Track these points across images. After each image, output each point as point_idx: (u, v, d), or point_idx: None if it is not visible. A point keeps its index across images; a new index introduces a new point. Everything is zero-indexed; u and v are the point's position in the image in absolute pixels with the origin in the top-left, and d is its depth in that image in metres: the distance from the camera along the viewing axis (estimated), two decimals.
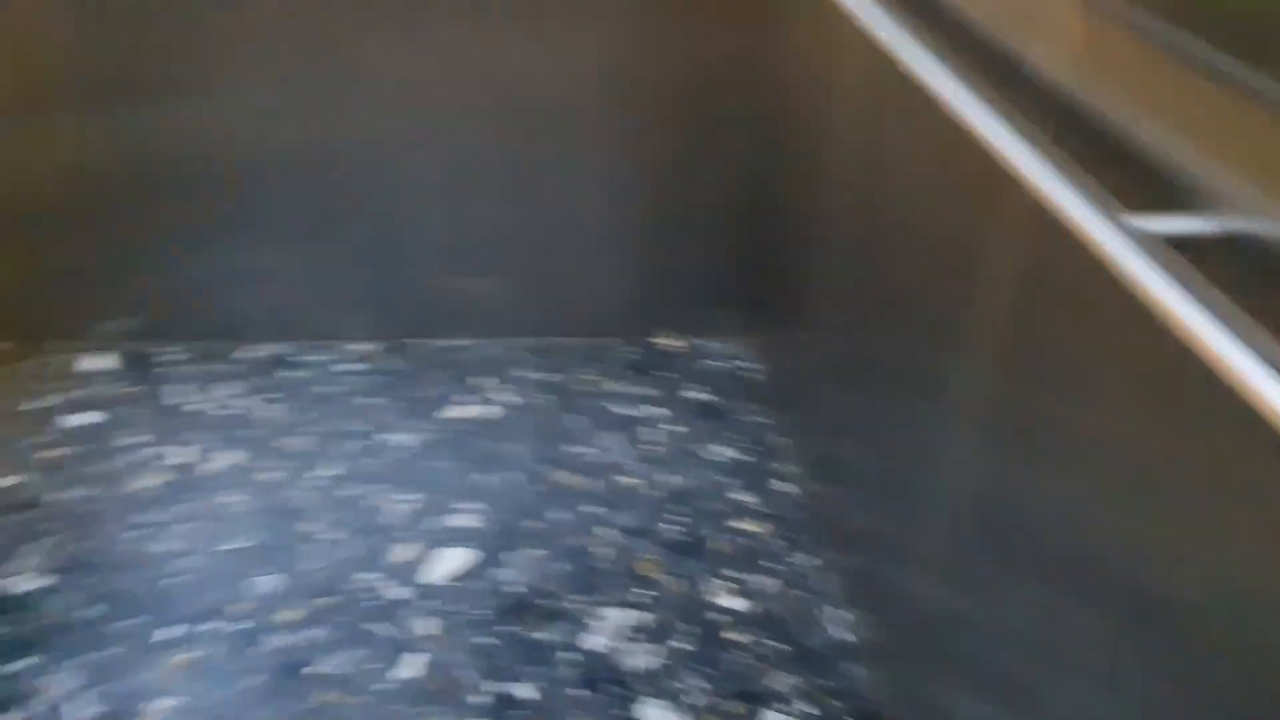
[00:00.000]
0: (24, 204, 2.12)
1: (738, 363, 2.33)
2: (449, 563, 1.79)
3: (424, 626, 1.67)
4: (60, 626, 1.66)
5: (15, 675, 1.57)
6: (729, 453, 2.06)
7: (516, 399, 2.20)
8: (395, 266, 2.25)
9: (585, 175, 2.16)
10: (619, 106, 2.07)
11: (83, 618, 1.68)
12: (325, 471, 2.00)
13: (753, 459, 2.04)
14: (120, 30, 1.94)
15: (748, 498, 1.94)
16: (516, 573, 1.78)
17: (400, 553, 1.81)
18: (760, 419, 2.15)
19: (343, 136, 2.08)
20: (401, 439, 2.08)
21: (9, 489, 1.93)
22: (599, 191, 2.18)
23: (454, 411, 2.16)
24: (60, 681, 1.57)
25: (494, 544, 1.83)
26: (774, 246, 2.08)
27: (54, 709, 1.53)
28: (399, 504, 1.92)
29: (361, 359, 2.31)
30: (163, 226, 2.17)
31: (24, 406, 2.13)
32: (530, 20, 1.97)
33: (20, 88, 1.98)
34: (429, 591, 1.74)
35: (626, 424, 2.13)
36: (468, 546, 1.83)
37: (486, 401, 2.19)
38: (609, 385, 2.25)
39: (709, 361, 2.34)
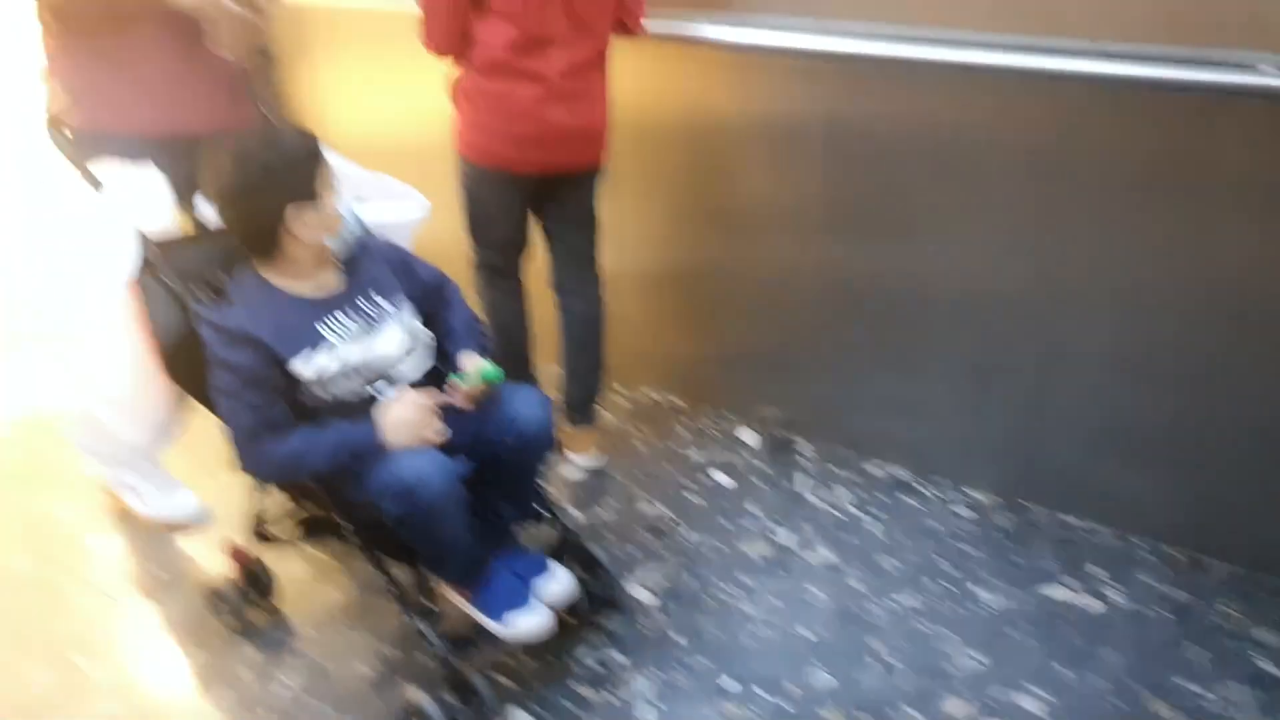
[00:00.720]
0: (738, 296, 2.55)
1: None
2: None
3: None
4: (651, 639, 1.92)
5: (608, 662, 1.86)
6: None
7: (1129, 603, 1.96)
8: (1036, 427, 2.19)
9: None
10: None
11: (670, 640, 1.92)
12: (906, 600, 2.00)
13: None
14: (854, 179, 2.23)
15: None
16: None
17: (952, 706, 1.73)
18: None
19: (1022, 293, 2.10)
20: (991, 598, 1.99)
21: (653, 514, 2.30)
22: None
23: (1056, 591, 2.00)
24: (635, 684, 1.81)
25: None
26: None
27: (625, 703, 1.77)
28: (967, 659, 1.84)
29: (975, 507, 2.28)
30: (837, 337, 2.42)
31: (682, 454, 2.53)
32: (1264, 215, 1.78)
33: (790, 211, 2.38)
34: None
35: (1268, 684, 1.75)
36: None
37: (1094, 593, 1.99)
38: (1258, 631, 1.87)
39: None
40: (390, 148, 2.97)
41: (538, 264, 2.36)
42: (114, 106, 1.83)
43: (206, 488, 2.31)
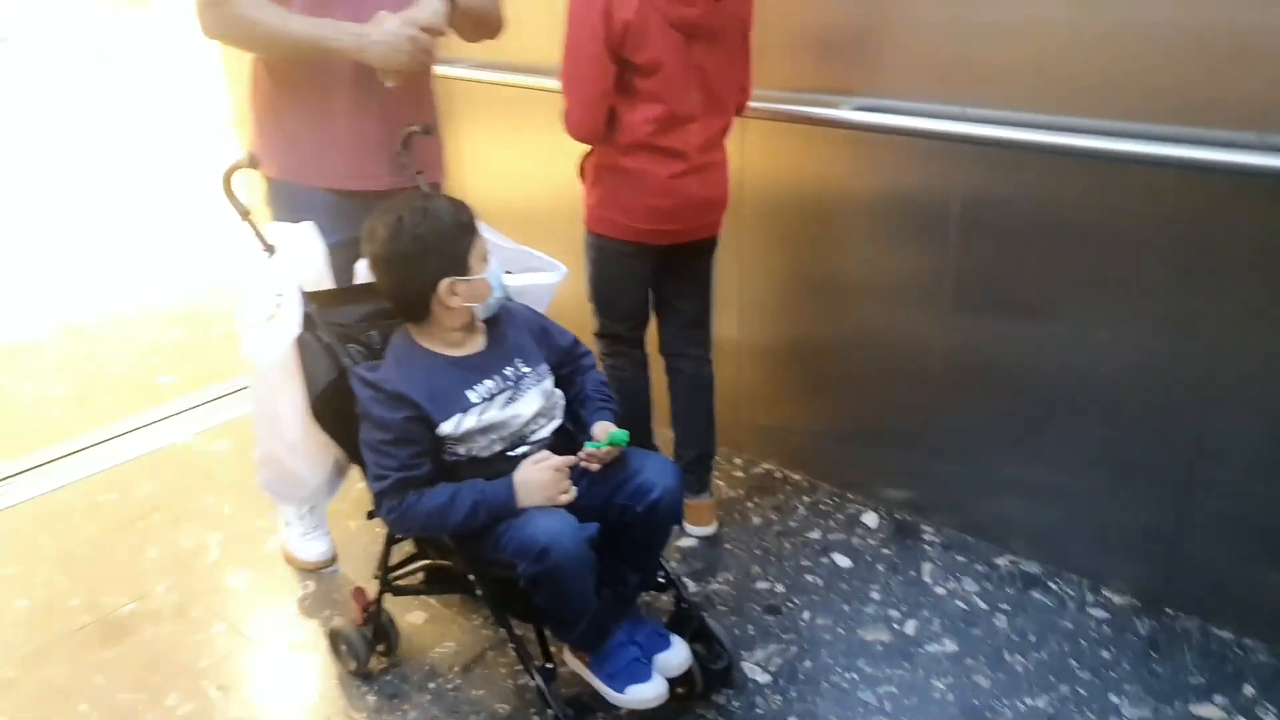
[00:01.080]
0: (863, 371, 2.51)
1: None
2: None
3: None
4: None
5: None
6: None
7: None
8: (1182, 527, 2.07)
9: None
10: None
11: None
12: (1035, 703, 1.90)
13: None
14: (989, 259, 2.18)
15: None
16: None
17: None
18: None
19: (1169, 382, 2.00)
20: (1132, 711, 1.87)
21: (767, 591, 2.26)
22: None
23: (1205, 710, 1.86)
24: None
25: None
26: None
27: None
28: None
29: (1112, 609, 2.15)
30: (967, 419, 2.35)
31: (800, 531, 2.49)
32: None
33: (921, 287, 2.33)
34: None
35: None
36: None
37: (1248, 715, 1.84)
38: None
39: None
40: (522, 214, 3.07)
41: (650, 329, 2.40)
42: (316, 160, 1.97)
43: (337, 533, 2.40)
